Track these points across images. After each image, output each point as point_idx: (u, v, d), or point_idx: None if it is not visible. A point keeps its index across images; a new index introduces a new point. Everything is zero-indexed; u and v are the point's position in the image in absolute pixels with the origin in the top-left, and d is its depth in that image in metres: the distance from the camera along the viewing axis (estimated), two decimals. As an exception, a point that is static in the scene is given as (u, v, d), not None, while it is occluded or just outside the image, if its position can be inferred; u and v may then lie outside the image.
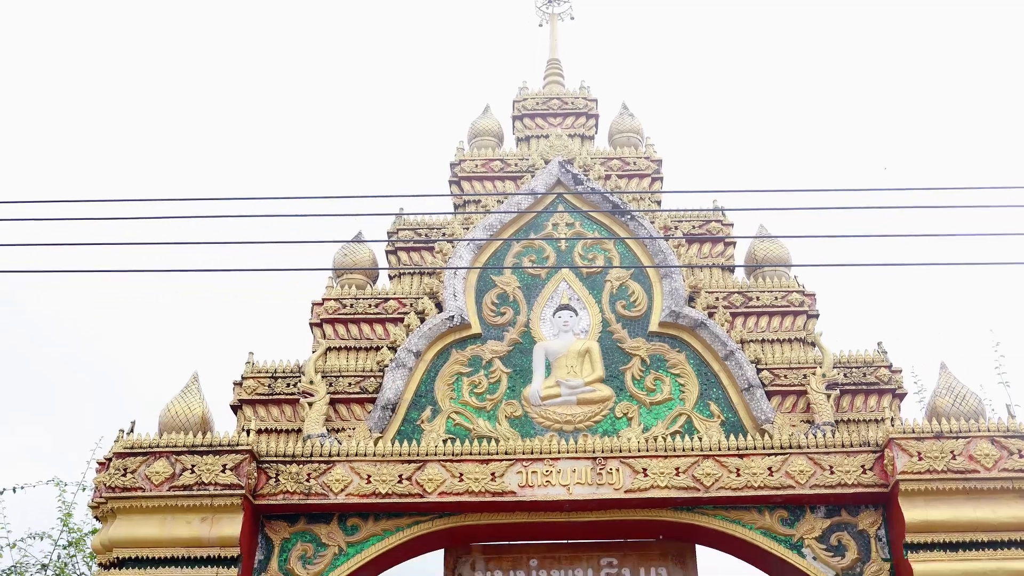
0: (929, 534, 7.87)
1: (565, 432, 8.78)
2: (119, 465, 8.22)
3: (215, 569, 7.92)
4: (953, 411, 8.43)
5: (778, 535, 8.29)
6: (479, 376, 9.12)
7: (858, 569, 8.16)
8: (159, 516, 8.08)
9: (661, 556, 8.79)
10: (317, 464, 8.38)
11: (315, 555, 8.32)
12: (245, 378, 9.12)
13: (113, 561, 8.06)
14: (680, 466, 8.30)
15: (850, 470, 8.25)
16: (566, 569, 8.77)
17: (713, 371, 9.05)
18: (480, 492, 8.24)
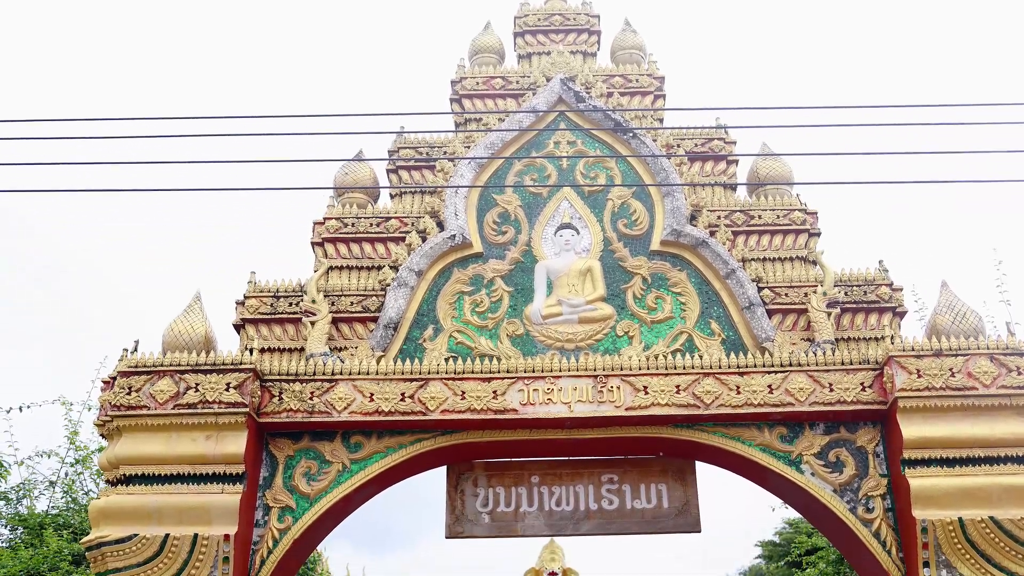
0: (926, 450, 7.95)
1: (566, 350, 8.82)
2: (123, 384, 8.27)
3: (221, 485, 8.03)
4: (953, 329, 8.45)
5: (777, 451, 8.38)
6: (481, 295, 9.13)
7: (856, 485, 8.27)
8: (164, 434, 8.16)
9: (661, 473, 8.89)
10: (320, 382, 8.43)
11: (319, 472, 8.42)
12: (247, 297, 9.13)
13: (120, 478, 8.16)
14: (680, 384, 8.36)
15: (849, 387, 8.30)
16: (567, 486, 8.87)
17: (714, 289, 9.06)
18: (482, 410, 8.31)
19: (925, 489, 7.81)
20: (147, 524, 7.94)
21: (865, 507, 8.19)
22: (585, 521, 8.76)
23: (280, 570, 8.22)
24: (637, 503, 8.78)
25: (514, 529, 8.79)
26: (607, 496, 8.81)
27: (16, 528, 14.35)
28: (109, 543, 7.90)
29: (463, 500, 8.85)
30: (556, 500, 8.81)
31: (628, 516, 8.76)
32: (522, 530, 8.79)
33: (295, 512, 8.29)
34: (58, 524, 13.72)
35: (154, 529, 7.92)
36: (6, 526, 14.54)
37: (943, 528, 7.71)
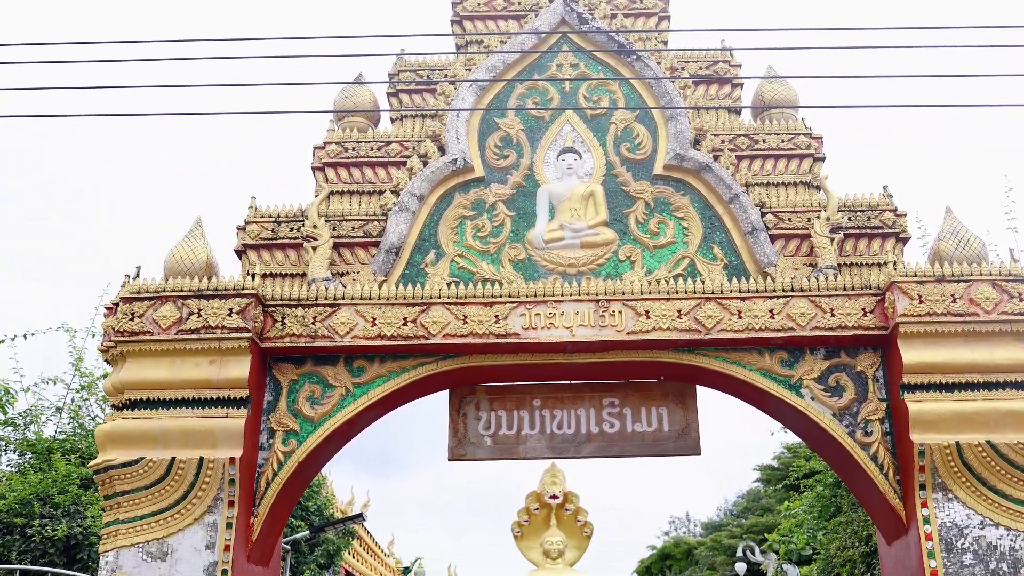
0: (926, 375, 7.99)
1: (568, 275, 8.81)
2: (126, 310, 8.29)
3: (225, 409, 8.09)
4: (956, 255, 8.43)
5: (777, 376, 8.42)
6: (482, 219, 9.09)
7: (855, 409, 8.32)
8: (168, 359, 8.20)
9: (662, 396, 8.95)
10: (322, 307, 8.45)
11: (322, 396, 8.48)
12: (248, 223, 9.11)
13: (125, 403, 8.23)
14: (682, 308, 8.37)
15: (851, 313, 8.31)
16: (568, 409, 8.94)
17: (717, 214, 9.02)
18: (484, 334, 8.34)
19: (923, 413, 7.87)
20: (153, 448, 8.02)
21: (863, 431, 8.25)
22: (586, 444, 8.85)
23: (285, 492, 8.33)
24: (638, 426, 8.86)
25: (516, 452, 8.88)
26: (608, 419, 8.88)
27: (24, 453, 14.54)
28: (116, 466, 7.99)
29: (465, 423, 8.93)
30: (557, 423, 8.89)
31: (629, 439, 8.84)
32: (524, 453, 8.88)
33: (299, 435, 8.37)
34: (65, 449, 13.90)
35: (160, 452, 8.00)
36: (15, 451, 14.73)
37: (940, 452, 7.79)
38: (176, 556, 7.85)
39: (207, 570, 7.80)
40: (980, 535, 7.72)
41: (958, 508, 7.79)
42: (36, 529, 11.24)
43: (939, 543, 7.70)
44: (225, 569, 7.80)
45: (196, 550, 7.86)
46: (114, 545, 7.91)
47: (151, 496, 7.97)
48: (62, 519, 11.46)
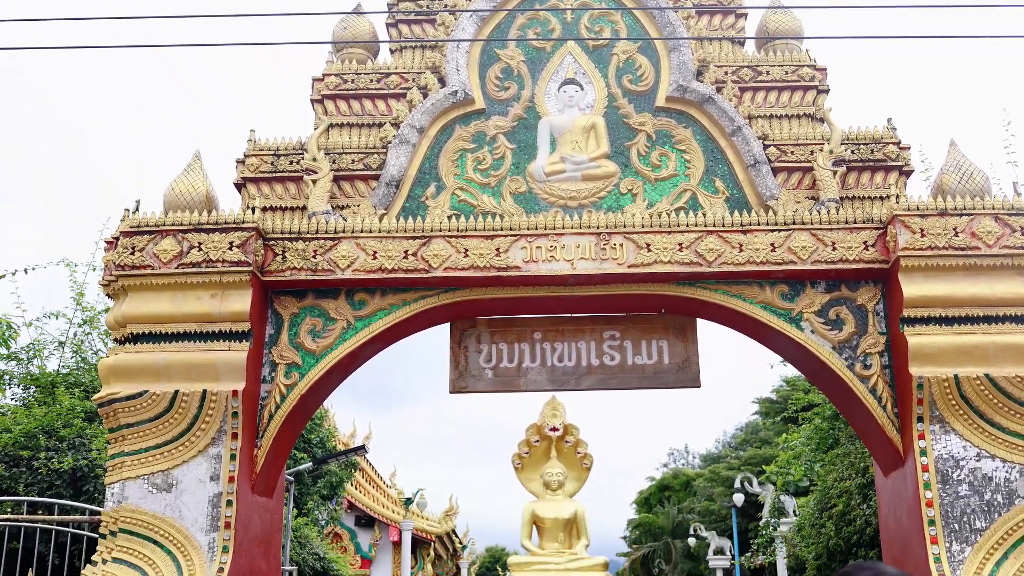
0: (926, 309, 8.00)
1: (569, 208, 8.78)
2: (126, 244, 8.28)
3: (227, 343, 8.12)
4: (959, 188, 8.39)
5: (778, 309, 8.43)
6: (483, 152, 9.03)
7: (854, 342, 8.35)
8: (169, 293, 8.20)
9: (663, 329, 8.97)
10: (323, 241, 8.44)
11: (324, 329, 8.50)
12: (247, 156, 9.05)
13: (127, 336, 8.25)
14: (683, 241, 8.35)
15: (852, 246, 8.30)
16: (569, 342, 8.97)
17: (719, 147, 8.96)
18: (485, 267, 8.33)
19: (923, 347, 7.89)
20: (156, 381, 8.06)
21: (863, 364, 8.29)
22: (587, 376, 8.89)
23: (288, 425, 8.40)
24: (638, 359, 8.90)
25: (517, 384, 8.93)
26: (608, 352, 8.92)
27: (28, 387, 14.66)
28: (120, 399, 8.04)
29: (466, 356, 8.97)
30: (558, 356, 8.93)
31: (629, 371, 8.89)
32: (524, 385, 8.93)
33: (301, 368, 8.41)
34: (69, 383, 14.00)
35: (163, 386, 8.05)
36: (19, 385, 14.84)
37: (938, 385, 7.83)
38: (181, 487, 7.94)
39: (212, 501, 7.89)
40: (976, 467, 7.79)
41: (955, 440, 7.85)
42: (42, 462, 11.36)
43: (935, 474, 7.78)
44: (230, 500, 7.90)
45: (200, 481, 7.94)
46: (119, 477, 7.99)
47: (155, 429, 8.03)
48: (67, 452, 11.58)
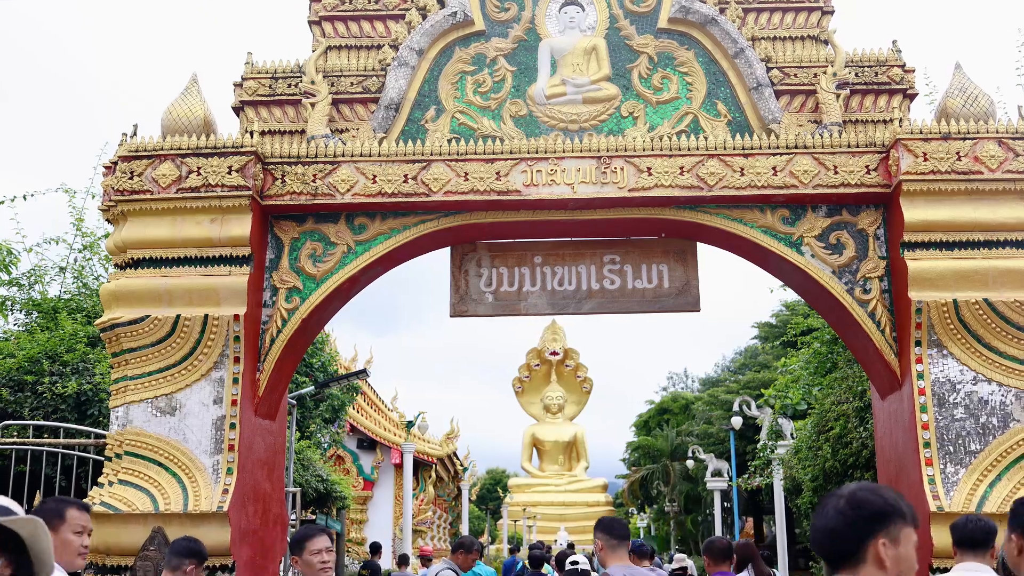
0: (927, 233, 7.99)
1: (570, 131, 8.71)
2: (125, 168, 8.24)
3: (228, 267, 8.13)
4: (963, 112, 8.32)
5: (778, 233, 8.42)
6: (483, 75, 8.93)
7: (854, 266, 8.36)
8: (169, 218, 8.19)
9: (663, 253, 8.97)
10: (322, 165, 8.39)
11: (324, 253, 8.50)
12: (245, 79, 8.95)
13: (128, 261, 8.26)
14: (684, 165, 8.30)
15: (854, 170, 8.25)
16: (569, 266, 8.97)
17: (722, 69, 8.85)
18: (485, 191, 8.30)
19: (922, 271, 7.90)
20: (158, 306, 8.09)
21: (862, 288, 8.31)
22: (587, 300, 8.92)
23: (289, 348, 8.45)
24: (638, 283, 8.91)
25: (517, 308, 8.96)
26: (609, 276, 8.93)
27: (31, 312, 14.71)
28: (122, 324, 8.08)
29: (467, 280, 8.98)
30: (558, 280, 8.94)
31: (629, 295, 8.91)
32: (525, 309, 8.96)
33: (302, 293, 8.43)
34: (71, 308, 14.05)
35: (165, 310, 8.08)
36: (21, 311, 14.89)
37: (937, 309, 7.85)
38: (184, 411, 8.02)
39: (215, 424, 7.98)
40: (972, 390, 7.86)
41: (952, 364, 7.91)
42: (46, 386, 11.45)
43: (932, 398, 7.85)
44: (233, 423, 7.98)
45: (204, 405, 8.02)
46: (123, 400, 8.07)
47: (158, 353, 8.08)
48: (71, 376, 11.66)
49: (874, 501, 2.55)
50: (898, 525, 2.54)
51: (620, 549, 5.88)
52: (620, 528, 5.93)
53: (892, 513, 2.54)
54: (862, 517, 2.53)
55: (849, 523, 2.54)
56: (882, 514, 2.54)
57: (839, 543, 2.54)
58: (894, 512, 2.54)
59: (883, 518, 2.54)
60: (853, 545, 2.52)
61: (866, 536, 2.52)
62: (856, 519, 2.53)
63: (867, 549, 2.51)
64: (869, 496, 2.55)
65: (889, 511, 2.54)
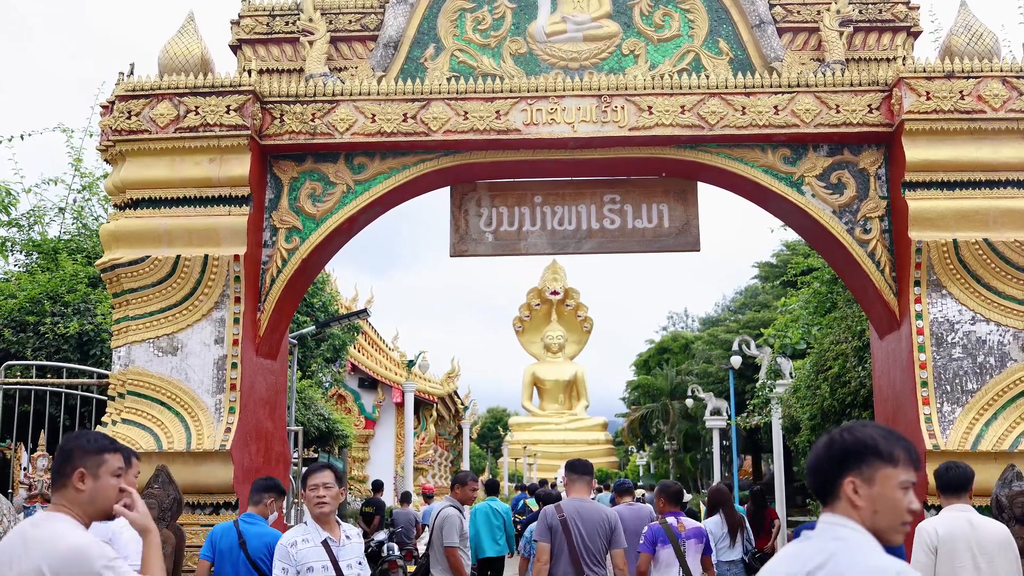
0: (928, 173, 7.96)
1: (571, 69, 8.63)
2: (122, 108, 8.19)
3: (228, 207, 8.12)
4: (967, 50, 8.24)
5: (779, 173, 8.39)
6: (483, 12, 8.81)
7: (855, 206, 8.34)
8: (168, 158, 8.16)
9: (663, 193, 8.95)
10: (321, 104, 8.33)
11: (324, 193, 8.48)
12: (242, 17, 8.85)
13: (128, 202, 8.24)
14: (686, 104, 8.24)
15: (856, 109, 8.20)
16: (569, 205, 8.95)
17: (724, 6, 8.73)
18: (485, 130, 8.25)
19: (923, 211, 7.89)
20: (158, 246, 8.09)
21: (863, 228, 8.30)
22: (587, 240, 8.91)
23: (289, 289, 8.47)
24: (639, 222, 8.90)
25: (517, 248, 8.96)
26: (609, 216, 8.91)
27: (31, 253, 14.71)
28: (123, 264, 8.09)
29: (467, 220, 8.97)
30: (559, 219, 8.93)
31: (629, 235, 8.90)
32: (525, 248, 8.96)
33: (302, 233, 8.43)
34: (71, 249, 14.05)
35: (165, 251, 8.08)
36: (21, 251, 14.89)
37: (937, 249, 7.85)
38: (186, 350, 8.06)
39: (217, 363, 8.02)
40: (971, 330, 7.89)
41: (951, 304, 7.93)
42: (48, 327, 11.50)
43: (930, 337, 7.88)
44: (235, 362, 8.02)
45: (205, 344, 8.06)
46: (125, 341, 8.11)
47: (159, 293, 8.10)
48: (73, 317, 11.70)
49: (845, 440, 2.56)
50: (873, 465, 2.53)
51: (580, 483, 6.94)
52: (581, 466, 7.01)
53: (864, 452, 2.53)
54: (832, 456, 2.57)
55: (823, 461, 2.59)
56: (853, 453, 2.54)
57: (818, 480, 2.61)
58: (867, 452, 2.53)
59: (853, 457, 2.54)
60: (829, 483, 2.57)
61: (836, 475, 2.55)
62: (827, 458, 2.57)
63: (840, 488, 2.54)
64: (842, 436, 2.57)
65: (861, 450, 2.53)
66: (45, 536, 3.21)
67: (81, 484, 3.33)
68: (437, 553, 8.40)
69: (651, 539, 7.40)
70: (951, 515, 5.31)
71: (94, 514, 3.40)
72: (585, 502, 6.89)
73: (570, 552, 6.70)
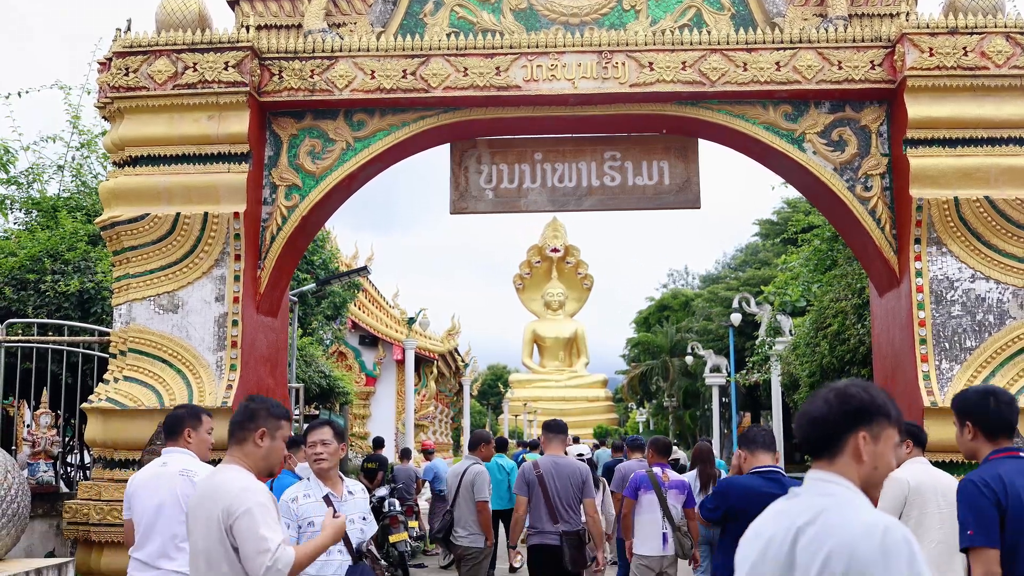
0: (930, 130, 7.93)
1: (571, 25, 8.55)
2: (120, 65, 8.14)
3: (227, 165, 8.10)
4: (971, 6, 8.16)
5: (780, 130, 8.35)
6: (482, -33, 8.72)
7: (856, 163, 8.31)
8: (166, 115, 8.13)
9: (664, 150, 8.92)
10: (320, 60, 8.28)
11: (323, 150, 8.45)
12: (240, -29, 8.76)
13: (127, 159, 8.22)
14: (687, 60, 8.19)
15: (858, 65, 8.14)
16: (570, 163, 8.93)
17: (726, -39, 8.65)
18: (485, 87, 8.21)
19: (924, 168, 7.86)
20: (158, 204, 8.08)
21: (863, 185, 8.28)
22: (587, 197, 8.89)
23: (290, 246, 8.47)
24: (639, 180, 8.88)
25: (517, 205, 8.95)
26: (609, 173, 8.89)
27: (30, 211, 14.67)
28: (123, 222, 8.08)
29: (467, 177, 8.95)
30: (559, 177, 8.90)
31: (630, 192, 8.89)
32: (525, 206, 8.95)
33: (302, 190, 8.41)
34: (71, 207, 14.00)
35: (165, 208, 8.07)
36: (20, 209, 14.85)
37: (938, 206, 7.84)
38: (187, 308, 8.07)
39: (218, 321, 8.05)
40: (970, 288, 7.90)
41: (951, 262, 7.93)
42: (49, 285, 11.50)
43: (929, 295, 7.89)
44: (235, 320, 8.04)
45: (206, 302, 8.08)
46: (126, 298, 8.12)
47: (159, 251, 8.10)
48: (73, 275, 11.69)
49: (862, 396, 2.62)
50: (881, 423, 2.60)
51: (555, 441, 7.83)
52: (556, 425, 7.90)
53: (877, 411, 2.60)
54: (848, 410, 2.60)
55: (835, 414, 2.61)
56: (867, 410, 2.60)
57: (822, 432, 2.62)
58: (879, 411, 2.60)
59: (868, 414, 2.60)
60: (835, 436, 2.59)
61: (849, 428, 2.59)
62: (842, 411, 2.60)
63: (847, 441, 2.58)
64: (859, 392, 2.62)
65: (875, 409, 2.60)
66: (223, 481, 3.87)
67: (260, 442, 3.96)
68: (464, 509, 8.57)
69: (634, 485, 8.15)
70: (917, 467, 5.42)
71: (264, 469, 3.99)
72: (560, 458, 7.74)
73: (546, 503, 7.59)
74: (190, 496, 4.58)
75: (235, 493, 3.78)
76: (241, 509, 3.73)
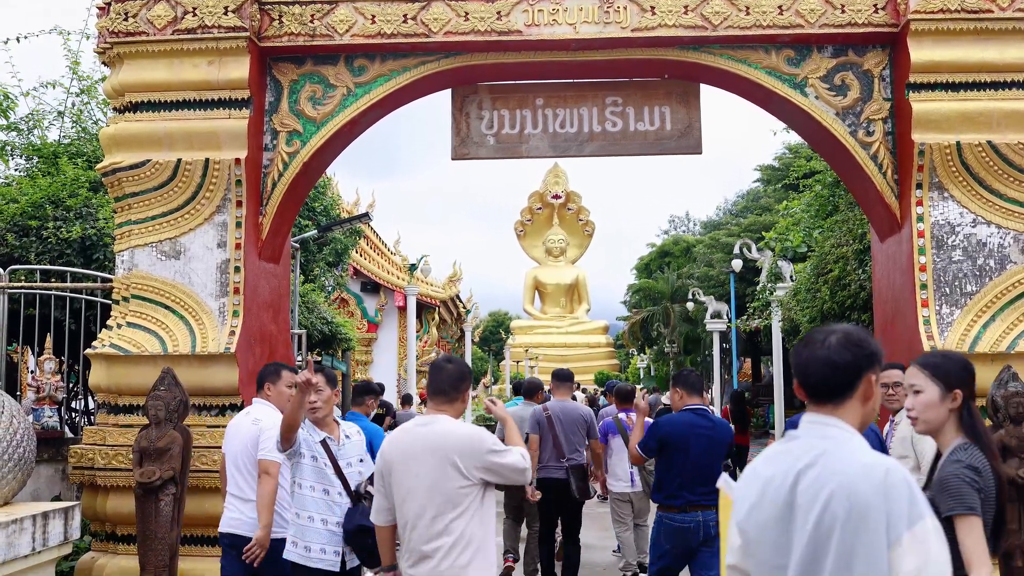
0: (933, 74, 7.88)
1: (572, -31, 8.47)
2: (119, 9, 8.08)
3: (228, 111, 8.07)
4: (978, -49, 8.07)
5: (782, 74, 8.31)
6: (483, -91, 8.61)
7: (858, 108, 8.28)
8: (166, 60, 8.09)
9: (665, 95, 8.88)
10: (320, 4, 8.22)
11: (324, 96, 8.42)
12: (237, -86, 8.66)
13: (127, 105, 8.20)
14: (689, 4, 8.12)
15: (861, 9, 8.08)
16: (571, 108, 8.90)
17: (730, -98, 8.54)
18: (486, 31, 8.16)
19: (927, 113, 7.83)
20: (159, 150, 8.08)
21: (865, 130, 8.26)
22: (588, 143, 8.88)
23: (291, 192, 8.47)
24: (640, 125, 8.86)
25: (518, 151, 8.93)
26: (611, 118, 8.86)
27: (31, 158, 14.64)
28: (124, 168, 8.08)
29: (468, 123, 8.93)
30: (560, 122, 8.88)
31: (631, 137, 8.87)
32: (526, 152, 8.94)
33: (303, 136, 8.40)
34: (71, 153, 13.96)
35: (166, 154, 8.07)
36: (21, 156, 14.82)
37: (940, 151, 7.82)
38: (189, 254, 8.10)
39: (220, 267, 8.08)
40: (971, 232, 7.91)
41: (952, 207, 7.93)
42: (51, 231, 11.52)
43: (930, 240, 7.90)
44: (237, 266, 8.08)
45: (208, 248, 8.10)
46: (128, 245, 8.15)
47: (160, 197, 8.11)
48: (75, 221, 11.71)
49: (871, 341, 2.75)
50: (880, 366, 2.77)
51: (562, 388, 9.12)
52: (563, 374, 9.22)
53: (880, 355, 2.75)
54: (864, 353, 2.71)
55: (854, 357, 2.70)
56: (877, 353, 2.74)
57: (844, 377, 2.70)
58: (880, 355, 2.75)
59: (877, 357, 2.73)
60: (852, 378, 2.67)
61: (863, 371, 2.70)
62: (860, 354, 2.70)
63: (861, 383, 2.65)
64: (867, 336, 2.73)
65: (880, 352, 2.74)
66: (442, 429, 4.49)
67: (467, 395, 4.70)
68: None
69: (604, 431, 9.41)
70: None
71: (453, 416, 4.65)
72: (567, 403, 8.91)
73: (553, 442, 8.77)
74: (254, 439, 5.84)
75: (473, 434, 4.51)
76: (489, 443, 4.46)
